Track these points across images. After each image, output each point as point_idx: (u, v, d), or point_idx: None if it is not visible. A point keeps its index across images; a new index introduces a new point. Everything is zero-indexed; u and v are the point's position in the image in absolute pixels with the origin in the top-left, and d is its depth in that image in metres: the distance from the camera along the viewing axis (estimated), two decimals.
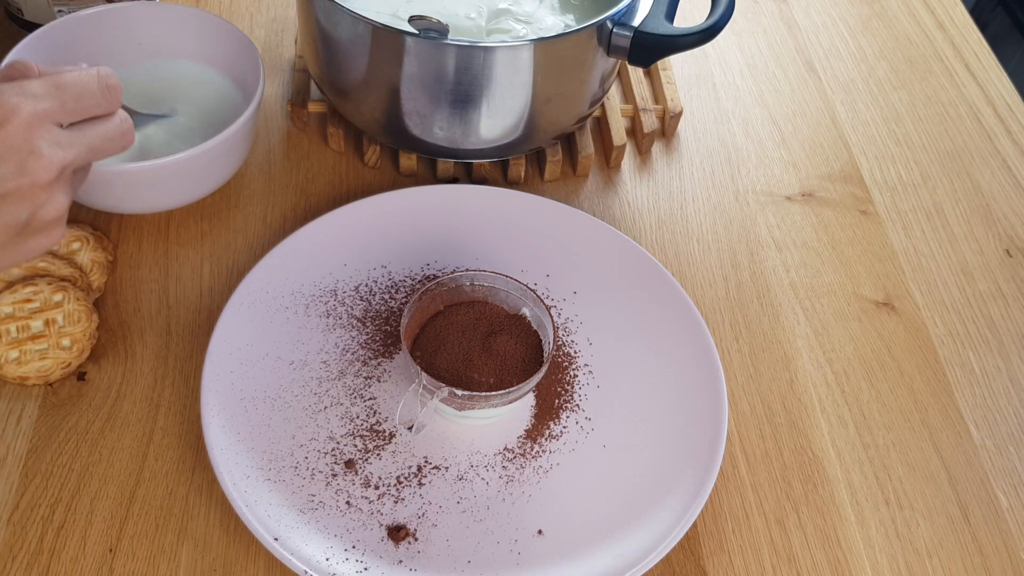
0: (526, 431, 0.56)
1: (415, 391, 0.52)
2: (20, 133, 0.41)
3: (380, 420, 0.56)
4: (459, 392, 0.51)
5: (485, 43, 0.59)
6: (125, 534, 0.52)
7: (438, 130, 0.65)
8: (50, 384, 0.57)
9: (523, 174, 0.70)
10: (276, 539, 0.49)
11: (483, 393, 0.52)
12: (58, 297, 0.57)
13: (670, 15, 0.62)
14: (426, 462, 0.54)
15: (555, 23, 0.66)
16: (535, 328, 0.56)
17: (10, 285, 0.57)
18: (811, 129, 0.77)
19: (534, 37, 0.64)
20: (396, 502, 0.52)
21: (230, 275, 0.63)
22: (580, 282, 0.63)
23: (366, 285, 0.62)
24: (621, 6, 0.60)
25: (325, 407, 0.56)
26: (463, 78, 0.60)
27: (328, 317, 0.60)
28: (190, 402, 0.57)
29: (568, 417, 0.57)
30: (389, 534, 0.51)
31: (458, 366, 0.54)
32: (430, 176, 0.70)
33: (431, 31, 0.58)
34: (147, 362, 0.58)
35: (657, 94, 0.76)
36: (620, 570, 0.50)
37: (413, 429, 0.53)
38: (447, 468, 0.54)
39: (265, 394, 0.56)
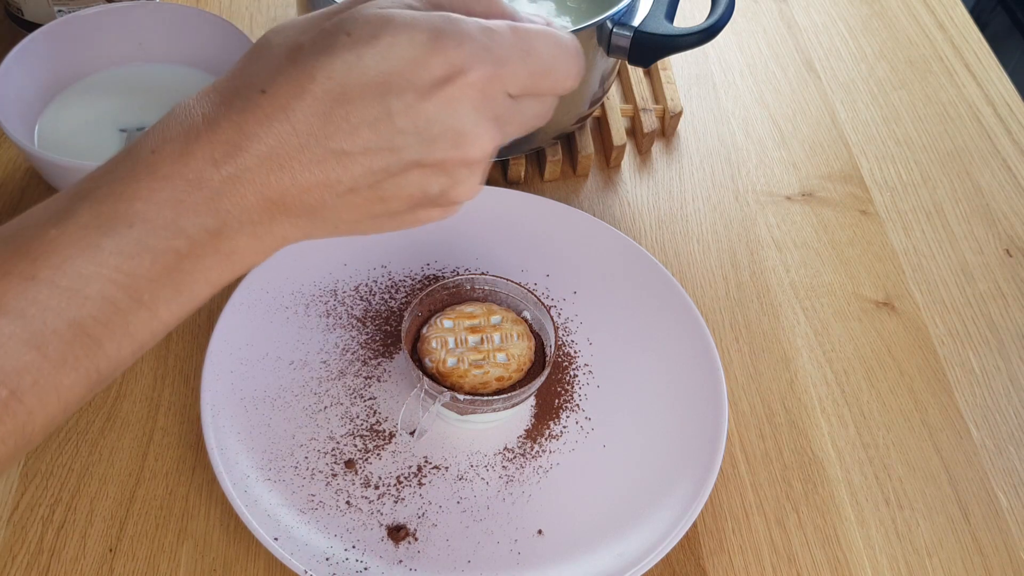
0: (526, 431, 0.56)
1: (416, 396, 0.52)
2: (469, 98, 0.34)
3: (380, 420, 0.56)
4: (461, 397, 0.51)
5: None
6: (125, 534, 0.52)
7: None
8: None
9: (523, 174, 0.70)
10: (276, 539, 0.49)
11: (485, 397, 0.52)
12: None
13: (670, 15, 0.62)
14: (426, 462, 0.54)
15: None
16: (536, 331, 0.56)
17: None
18: (811, 129, 0.77)
19: None
20: (396, 502, 0.52)
21: None
22: (580, 282, 0.63)
23: (366, 285, 0.62)
24: (621, 6, 0.60)
25: (325, 407, 0.56)
26: None
27: (328, 317, 0.60)
28: (190, 402, 0.57)
29: (568, 417, 0.57)
30: (389, 534, 0.51)
31: None
32: None
33: None
34: (147, 362, 0.58)
35: (657, 94, 0.76)
36: (620, 570, 0.50)
37: (415, 434, 0.53)
38: (447, 468, 0.54)
39: (265, 394, 0.56)
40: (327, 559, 0.49)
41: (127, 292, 0.32)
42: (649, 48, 0.61)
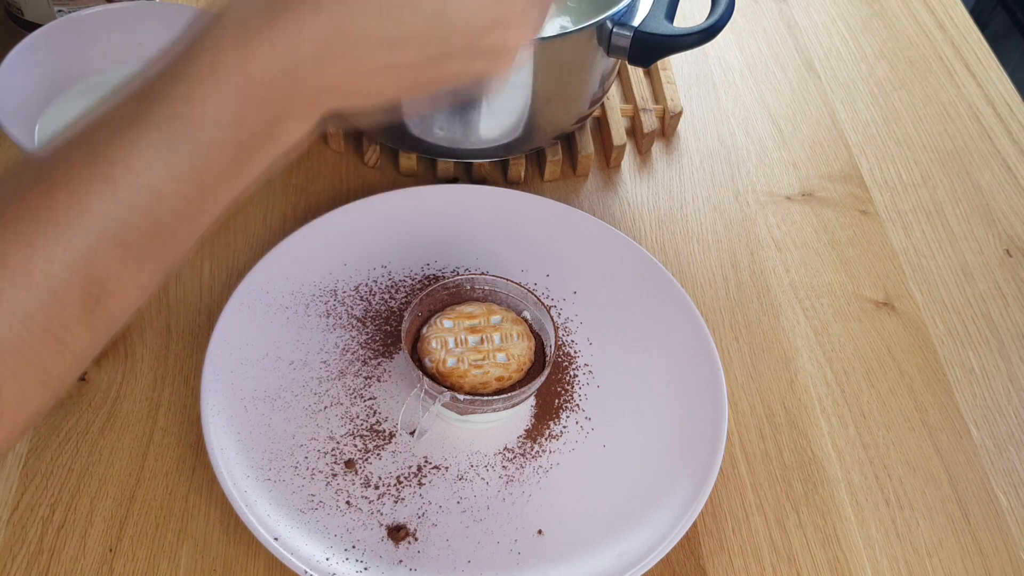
0: (526, 431, 0.56)
1: (416, 396, 0.52)
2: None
3: (380, 420, 0.56)
4: (461, 397, 0.51)
5: None
6: (125, 534, 0.52)
7: (438, 130, 0.65)
8: None
9: (523, 174, 0.70)
10: (276, 539, 0.49)
11: (485, 397, 0.52)
12: None
13: (670, 15, 0.62)
14: (426, 462, 0.54)
15: (551, 26, 0.66)
16: (536, 331, 0.56)
17: None
18: (811, 129, 0.77)
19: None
20: (396, 502, 0.52)
21: (230, 275, 0.63)
22: (580, 282, 0.63)
23: (366, 285, 0.62)
24: (621, 6, 0.60)
25: (325, 407, 0.56)
26: None
27: (328, 317, 0.60)
28: (190, 402, 0.57)
29: (568, 417, 0.57)
30: (389, 534, 0.51)
31: None
32: (430, 176, 0.70)
33: None
34: (147, 362, 0.58)
35: (657, 94, 0.76)
36: (620, 570, 0.50)
37: (415, 434, 0.53)
38: (447, 468, 0.54)
39: (265, 394, 0.56)
40: (327, 559, 0.49)
41: (198, 186, 0.34)
42: (649, 48, 0.61)
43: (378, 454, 0.54)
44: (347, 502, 0.52)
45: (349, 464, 0.53)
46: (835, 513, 0.56)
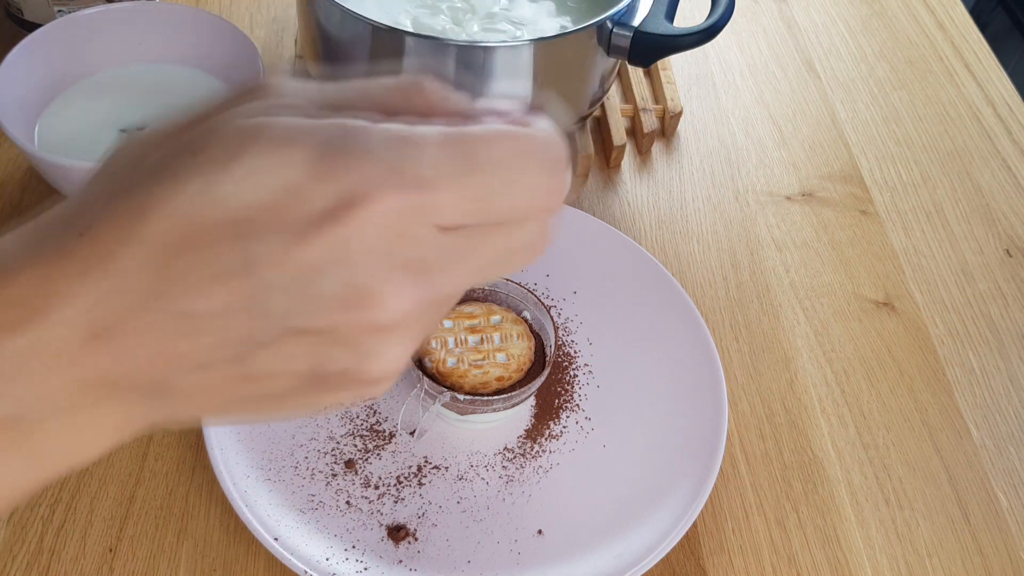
0: (526, 431, 0.56)
1: (416, 396, 0.52)
2: (368, 238, 0.24)
3: (380, 420, 0.56)
4: (461, 397, 0.51)
5: (485, 43, 0.59)
6: (125, 534, 0.52)
7: None
8: None
9: None
10: (276, 539, 0.49)
11: (485, 397, 0.52)
12: None
13: (670, 15, 0.62)
14: (426, 462, 0.54)
15: (551, 26, 0.66)
16: (536, 331, 0.56)
17: None
18: (811, 129, 0.77)
19: (534, 37, 0.63)
20: (396, 502, 0.52)
21: None
22: (580, 282, 0.63)
23: None
24: (621, 6, 0.60)
25: (325, 407, 0.56)
26: (463, 78, 0.60)
27: None
28: None
29: (568, 417, 0.57)
30: (389, 534, 0.51)
31: None
32: None
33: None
34: None
35: (657, 94, 0.76)
36: (620, 570, 0.50)
37: (415, 434, 0.53)
38: (447, 468, 0.54)
39: None
40: (327, 559, 0.49)
41: None
42: (649, 48, 0.61)
43: (378, 454, 0.54)
44: (347, 502, 0.52)
45: (349, 464, 0.53)
46: (835, 513, 0.56)
